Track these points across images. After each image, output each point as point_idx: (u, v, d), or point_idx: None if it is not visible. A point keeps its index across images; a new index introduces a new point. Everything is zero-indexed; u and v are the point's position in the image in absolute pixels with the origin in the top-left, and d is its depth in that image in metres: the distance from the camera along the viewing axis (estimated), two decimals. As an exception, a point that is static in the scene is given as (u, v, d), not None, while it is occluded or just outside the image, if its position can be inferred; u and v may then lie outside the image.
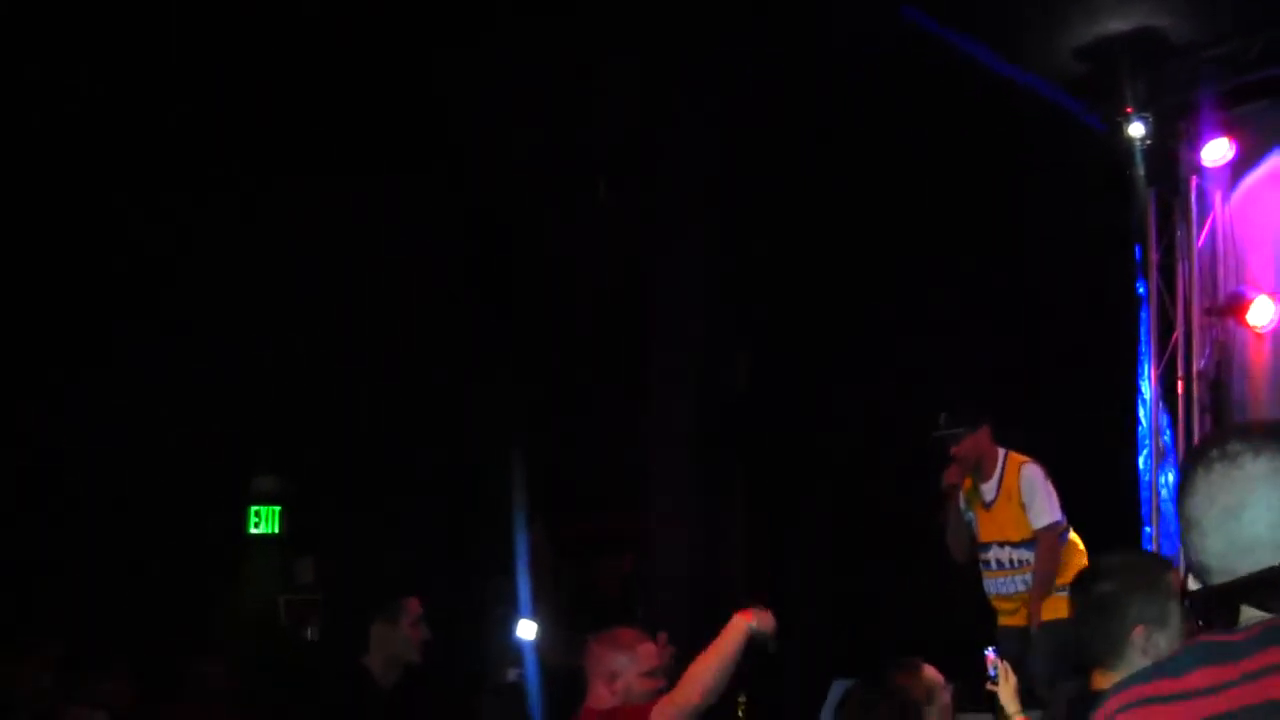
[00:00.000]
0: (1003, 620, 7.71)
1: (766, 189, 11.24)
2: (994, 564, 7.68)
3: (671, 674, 6.38)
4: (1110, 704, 1.97)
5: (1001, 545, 7.62)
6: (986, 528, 7.69)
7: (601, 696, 4.84)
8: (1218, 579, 2.00)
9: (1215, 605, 2.01)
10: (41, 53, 10.04)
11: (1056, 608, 7.30)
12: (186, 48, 10.28)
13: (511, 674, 6.03)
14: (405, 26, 10.47)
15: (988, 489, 7.67)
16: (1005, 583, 7.64)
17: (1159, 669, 2.00)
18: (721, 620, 4.75)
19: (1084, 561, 7.54)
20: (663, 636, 7.15)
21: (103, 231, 11.55)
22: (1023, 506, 7.52)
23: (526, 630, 8.98)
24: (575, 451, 11.53)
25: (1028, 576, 7.52)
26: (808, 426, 11.13)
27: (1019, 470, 7.60)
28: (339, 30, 10.37)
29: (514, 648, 7.67)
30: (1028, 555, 7.52)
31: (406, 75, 10.91)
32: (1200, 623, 2.08)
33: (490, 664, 9.47)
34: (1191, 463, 2.06)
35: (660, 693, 4.83)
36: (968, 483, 7.69)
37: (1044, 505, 7.51)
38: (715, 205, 11.54)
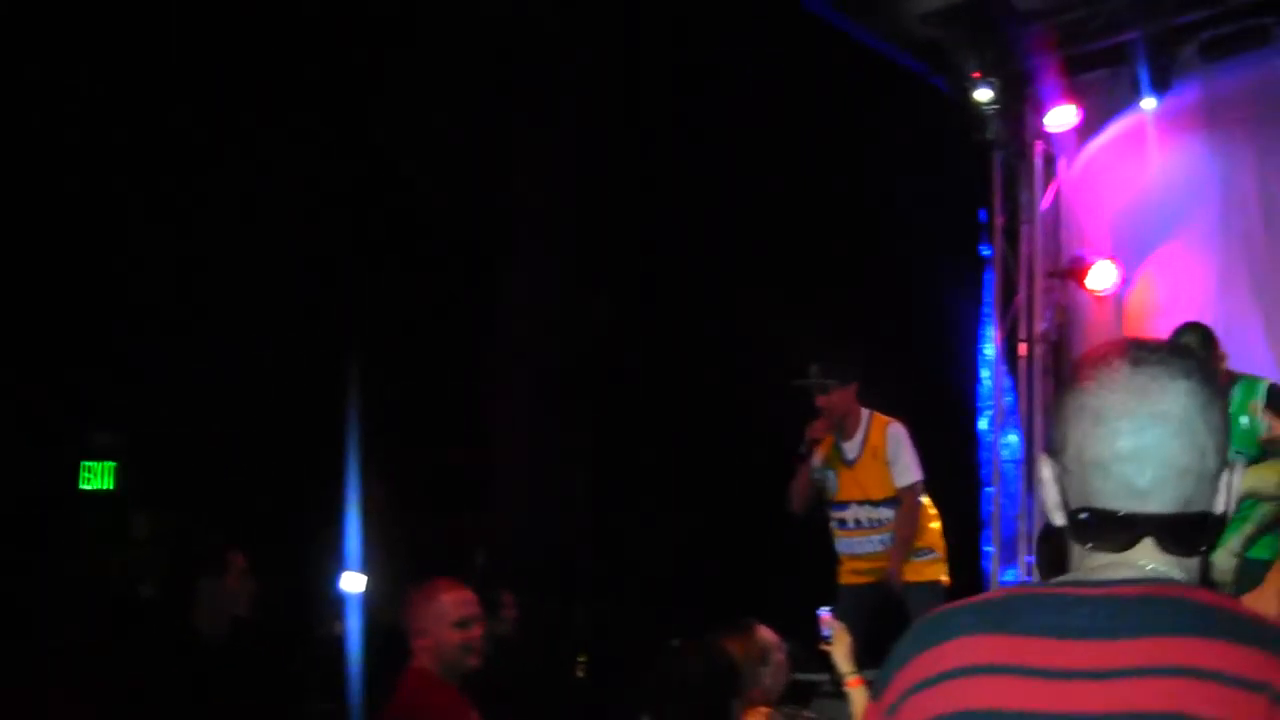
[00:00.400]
0: (846, 579, 7.69)
1: (626, 141, 11.18)
2: (851, 523, 7.65)
3: (513, 636, 6.31)
4: (918, 662, 1.86)
5: (862, 504, 7.60)
6: (847, 486, 7.65)
7: (420, 654, 4.73)
8: (1105, 500, 1.84)
9: (1112, 532, 1.84)
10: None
11: (920, 570, 7.46)
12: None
13: (336, 628, 5.94)
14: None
15: (850, 447, 7.64)
16: (862, 542, 7.62)
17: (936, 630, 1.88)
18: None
19: (936, 525, 7.71)
20: (509, 598, 7.09)
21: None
22: (888, 464, 7.53)
23: (352, 583, 8.80)
24: (417, 388, 11.35)
25: (885, 537, 7.52)
26: (662, 379, 11.10)
27: (884, 429, 7.60)
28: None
29: (338, 601, 7.53)
30: (888, 514, 7.52)
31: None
32: (1085, 544, 1.87)
33: (314, 617, 9.33)
34: (1109, 357, 1.88)
35: (474, 647, 4.73)
36: (828, 440, 7.66)
37: (909, 463, 7.53)
38: (576, 153, 11.44)
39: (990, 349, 10.27)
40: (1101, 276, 9.92)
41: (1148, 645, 1.71)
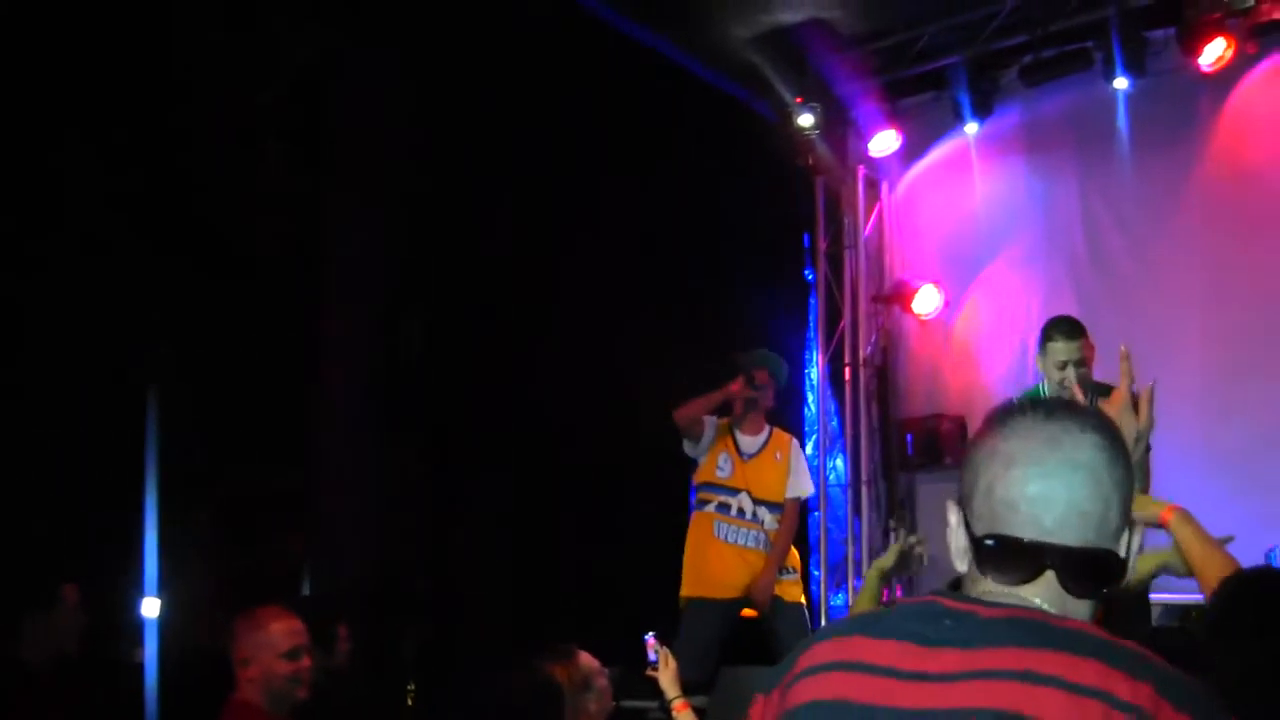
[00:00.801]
0: (705, 591, 7.65)
1: (446, 157, 10.98)
2: (735, 510, 7.68)
3: (345, 666, 6.07)
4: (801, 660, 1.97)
5: (752, 498, 7.68)
6: (740, 475, 7.70)
7: (243, 686, 4.44)
8: (1012, 531, 1.90)
9: (1016, 559, 1.90)
10: None
11: (786, 589, 7.67)
12: None
13: (135, 655, 5.74)
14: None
15: (750, 442, 7.77)
16: (742, 533, 7.64)
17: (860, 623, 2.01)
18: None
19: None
20: (343, 630, 6.85)
21: None
22: (788, 471, 7.74)
23: (150, 608, 8.44)
24: (233, 405, 10.97)
25: (758, 535, 7.61)
26: (491, 395, 10.89)
27: (789, 439, 7.89)
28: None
29: (138, 627, 7.22)
30: (769, 518, 7.64)
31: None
32: (985, 574, 1.94)
33: (120, 645, 8.96)
34: (1023, 408, 1.97)
35: (302, 678, 4.47)
36: (725, 423, 7.81)
37: (805, 478, 7.86)
38: (392, 172, 11.23)
39: (815, 373, 10.25)
40: (926, 301, 9.96)
41: (996, 654, 1.80)
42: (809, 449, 10.07)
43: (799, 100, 9.92)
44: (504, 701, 4.17)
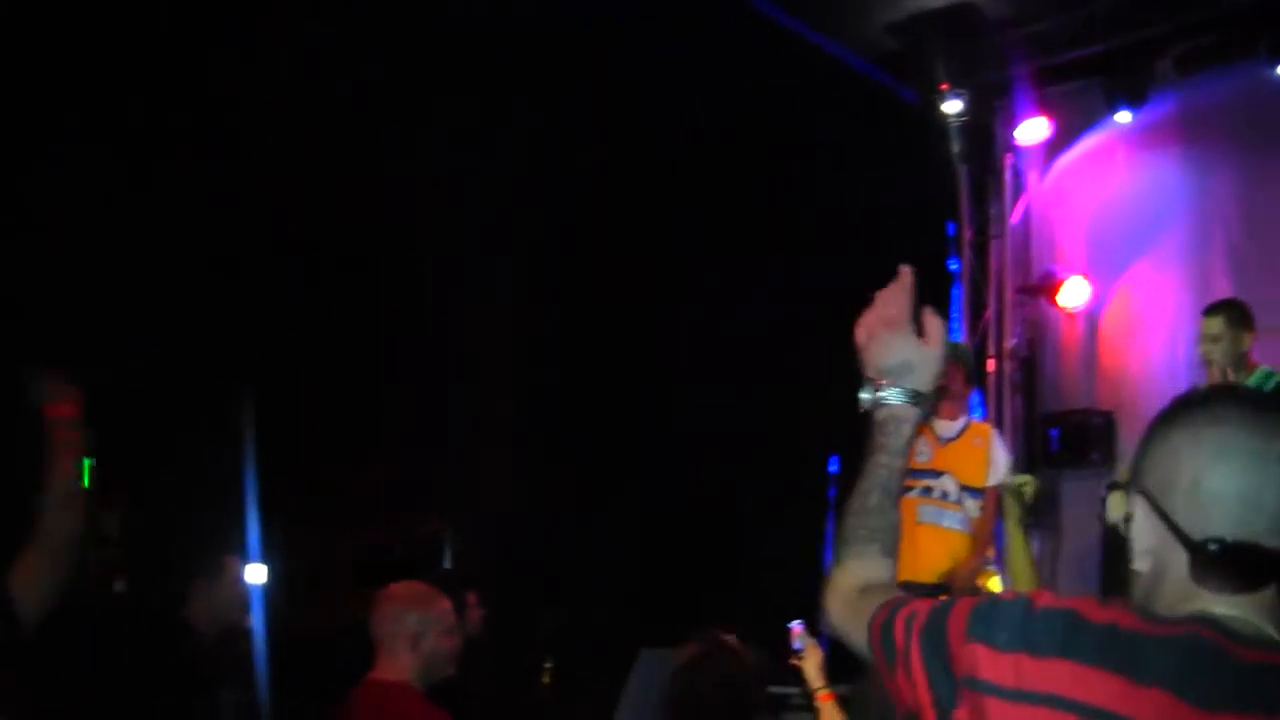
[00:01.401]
0: (903, 575, 7.45)
1: (578, 147, 10.97)
2: (938, 493, 7.62)
3: (480, 641, 6.12)
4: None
5: (955, 481, 7.61)
6: (940, 458, 7.65)
7: (397, 663, 4.38)
8: (1234, 532, 1.76)
9: (1243, 565, 1.77)
10: None
11: (994, 584, 7.54)
12: None
13: (244, 620, 5.94)
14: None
15: (946, 427, 7.71)
16: (947, 515, 7.59)
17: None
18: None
19: None
20: (472, 597, 6.87)
21: None
22: (988, 458, 7.63)
23: (255, 575, 8.54)
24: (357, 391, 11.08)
25: (962, 518, 7.53)
26: (627, 380, 10.87)
27: (989, 429, 7.93)
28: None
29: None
30: (970, 502, 7.57)
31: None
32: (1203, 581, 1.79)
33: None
34: (1224, 395, 1.86)
35: (455, 656, 4.49)
36: None
37: (1005, 466, 7.68)
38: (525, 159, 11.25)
39: (961, 367, 10.08)
40: (1073, 293, 9.74)
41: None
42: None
43: (945, 87, 9.75)
44: (698, 690, 4.14)
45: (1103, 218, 9.78)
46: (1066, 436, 9.61)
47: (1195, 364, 6.93)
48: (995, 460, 7.64)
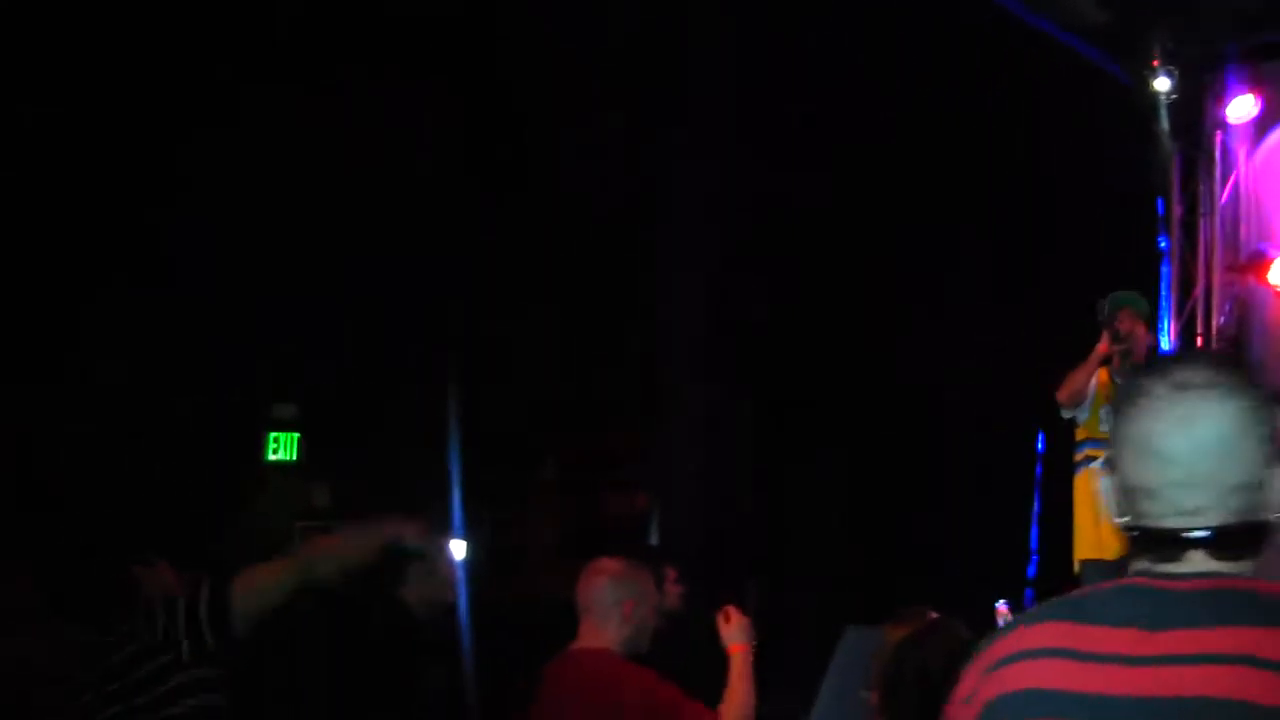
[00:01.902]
0: (1090, 552, 7.38)
1: (790, 122, 11.15)
2: None
3: (680, 616, 6.31)
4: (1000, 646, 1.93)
5: None
6: None
7: (606, 634, 4.49)
8: (1154, 520, 1.88)
9: (1160, 545, 1.88)
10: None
11: None
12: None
13: (449, 596, 6.09)
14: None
15: None
16: None
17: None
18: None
19: None
20: (672, 573, 7.07)
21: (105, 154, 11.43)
22: None
23: (459, 550, 8.78)
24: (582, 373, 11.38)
25: None
26: (824, 361, 11.04)
27: None
28: None
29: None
30: None
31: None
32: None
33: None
34: (1152, 383, 1.90)
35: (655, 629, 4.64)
36: (1105, 378, 7.58)
37: None
38: (738, 135, 11.41)
39: (1166, 342, 10.12)
40: (1284, 272, 9.71)
41: (1212, 635, 1.74)
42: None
43: (1155, 64, 9.76)
44: (918, 665, 4.23)
45: (1314, 197, 9.75)
46: (1272, 414, 9.59)
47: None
48: None
